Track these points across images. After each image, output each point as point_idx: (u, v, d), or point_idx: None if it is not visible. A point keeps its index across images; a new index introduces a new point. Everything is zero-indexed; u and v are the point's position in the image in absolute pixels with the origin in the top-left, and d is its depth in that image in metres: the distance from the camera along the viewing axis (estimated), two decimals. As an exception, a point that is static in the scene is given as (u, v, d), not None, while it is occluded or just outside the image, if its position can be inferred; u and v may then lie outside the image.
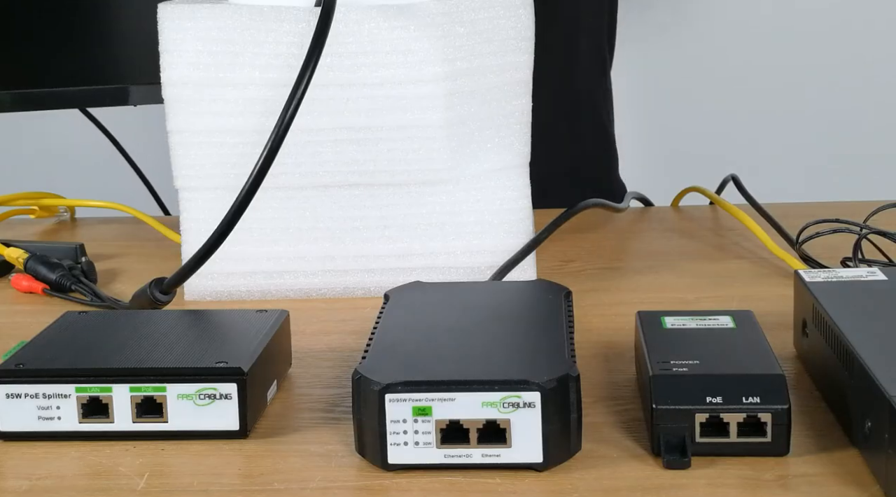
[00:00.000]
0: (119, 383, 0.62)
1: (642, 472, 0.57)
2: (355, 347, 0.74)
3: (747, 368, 0.59)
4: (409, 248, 0.85)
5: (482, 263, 0.85)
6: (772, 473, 0.56)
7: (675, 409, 0.57)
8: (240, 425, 0.62)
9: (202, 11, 0.83)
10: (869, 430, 0.55)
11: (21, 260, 0.90)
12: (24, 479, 0.59)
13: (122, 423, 0.62)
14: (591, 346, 0.73)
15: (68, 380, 0.62)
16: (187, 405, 0.62)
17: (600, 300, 0.83)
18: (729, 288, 0.85)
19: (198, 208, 0.85)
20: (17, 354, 0.64)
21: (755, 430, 0.57)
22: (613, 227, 1.02)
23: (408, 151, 0.83)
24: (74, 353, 0.64)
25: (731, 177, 1.05)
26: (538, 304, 0.68)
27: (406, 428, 0.57)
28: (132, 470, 0.59)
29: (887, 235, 0.85)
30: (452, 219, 0.85)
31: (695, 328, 0.64)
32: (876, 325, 0.61)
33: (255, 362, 0.63)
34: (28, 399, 0.62)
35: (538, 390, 0.56)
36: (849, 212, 0.89)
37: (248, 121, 0.83)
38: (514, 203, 0.85)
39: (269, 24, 0.82)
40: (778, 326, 0.73)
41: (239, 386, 0.62)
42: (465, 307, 0.69)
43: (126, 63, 1.13)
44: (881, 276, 0.69)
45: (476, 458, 0.57)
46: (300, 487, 0.57)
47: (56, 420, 0.62)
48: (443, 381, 0.57)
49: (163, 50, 0.84)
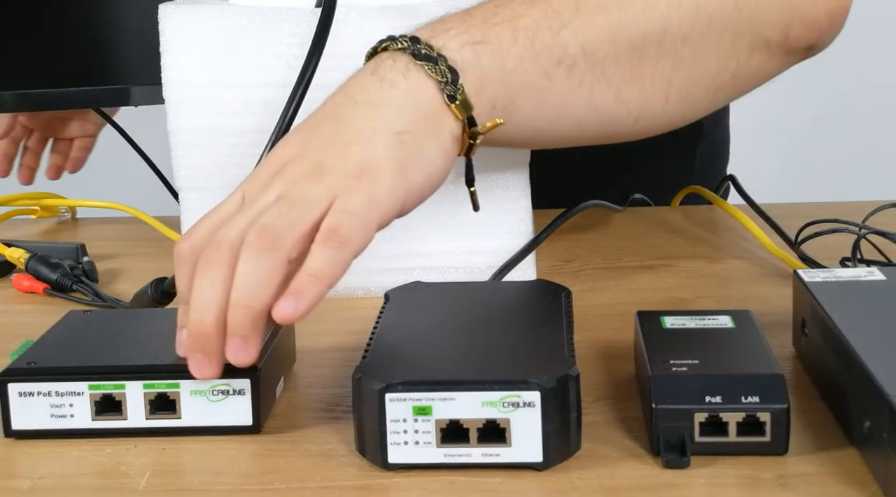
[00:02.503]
0: (132, 380, 0.62)
1: (642, 472, 0.57)
2: (355, 347, 0.74)
3: (746, 368, 0.59)
4: (409, 248, 0.85)
5: (482, 263, 0.85)
6: (771, 473, 0.56)
7: (675, 408, 0.57)
8: (253, 420, 0.62)
9: (203, 12, 0.83)
10: (868, 429, 0.55)
11: (22, 260, 0.90)
12: (26, 478, 0.59)
13: (135, 420, 0.62)
14: (591, 346, 0.73)
15: (81, 377, 0.62)
16: (201, 401, 0.62)
17: (600, 300, 0.83)
18: (728, 288, 0.85)
19: (198, 208, 0.85)
20: (27, 353, 0.65)
21: (754, 430, 0.57)
22: (613, 227, 1.03)
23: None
24: (85, 352, 0.64)
25: (729, 177, 1.05)
26: (538, 304, 0.69)
27: (406, 427, 0.57)
28: (134, 469, 0.59)
29: (886, 235, 0.85)
30: (452, 219, 0.85)
31: (694, 328, 0.64)
32: (875, 325, 0.61)
33: (267, 358, 0.64)
34: (41, 397, 0.62)
35: (538, 390, 0.56)
36: (848, 212, 0.89)
37: (249, 121, 0.83)
38: (514, 203, 0.86)
39: (270, 25, 0.83)
40: (777, 326, 0.73)
41: (252, 381, 0.62)
42: (465, 307, 0.69)
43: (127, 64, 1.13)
44: (880, 276, 0.69)
45: (476, 457, 0.57)
46: (300, 487, 0.57)
47: (69, 418, 0.62)
48: (443, 381, 0.57)
49: (164, 50, 0.84)
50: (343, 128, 0.65)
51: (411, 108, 0.66)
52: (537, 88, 0.70)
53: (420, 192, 0.65)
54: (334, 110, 0.67)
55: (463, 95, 0.67)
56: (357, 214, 0.61)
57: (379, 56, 0.69)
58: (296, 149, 0.65)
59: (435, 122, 0.66)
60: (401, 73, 0.67)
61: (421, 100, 0.66)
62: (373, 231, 0.62)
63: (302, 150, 0.65)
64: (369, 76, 0.67)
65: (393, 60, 0.67)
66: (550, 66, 0.70)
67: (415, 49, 0.67)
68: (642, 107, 0.75)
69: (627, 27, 0.72)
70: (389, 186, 0.63)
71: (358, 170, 0.63)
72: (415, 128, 0.65)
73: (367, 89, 0.67)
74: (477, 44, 0.69)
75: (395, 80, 0.66)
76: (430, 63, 0.67)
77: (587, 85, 0.72)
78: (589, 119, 0.73)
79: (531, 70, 0.70)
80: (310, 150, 0.64)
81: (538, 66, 0.70)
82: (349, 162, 0.63)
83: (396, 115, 0.65)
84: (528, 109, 0.71)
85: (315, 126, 0.66)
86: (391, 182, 0.63)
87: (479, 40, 0.69)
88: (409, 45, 0.68)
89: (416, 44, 0.68)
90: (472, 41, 0.69)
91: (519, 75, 0.69)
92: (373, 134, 0.64)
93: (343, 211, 0.61)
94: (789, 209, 0.99)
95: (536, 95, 0.71)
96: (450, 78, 0.66)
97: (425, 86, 0.67)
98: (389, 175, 0.63)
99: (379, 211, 0.62)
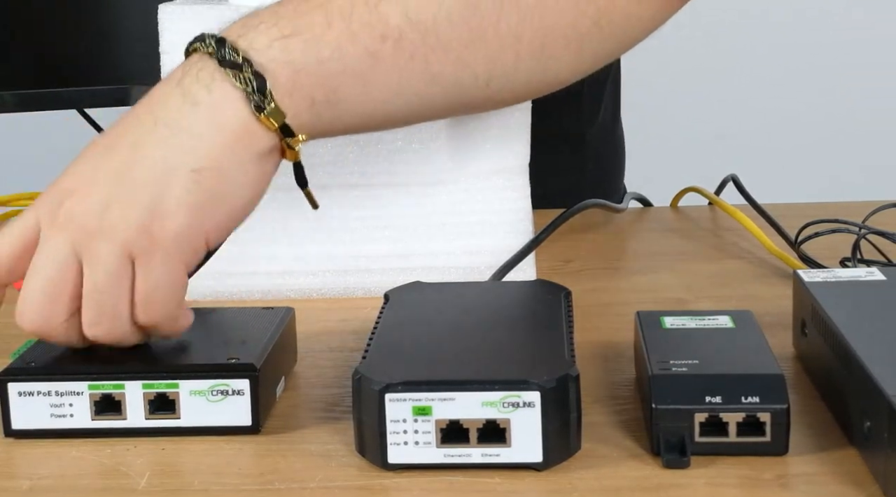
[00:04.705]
0: (132, 380, 0.62)
1: (642, 472, 0.57)
2: (355, 347, 0.74)
3: (746, 368, 0.59)
4: (409, 248, 0.85)
5: (482, 263, 0.85)
6: (771, 473, 0.56)
7: (675, 408, 0.57)
8: (252, 421, 0.62)
9: (203, 12, 0.83)
10: (868, 429, 0.55)
11: (22, 260, 0.90)
12: (26, 478, 0.59)
13: (134, 420, 0.62)
14: (591, 346, 0.73)
15: (81, 377, 0.62)
16: (200, 401, 0.62)
17: (600, 300, 0.83)
18: (728, 288, 0.85)
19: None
20: (27, 353, 0.65)
21: (754, 430, 0.57)
22: (613, 228, 1.03)
23: (408, 152, 0.83)
24: (85, 351, 0.64)
25: (731, 177, 1.05)
26: (538, 304, 0.69)
27: (406, 428, 0.57)
28: (133, 469, 0.59)
29: (886, 236, 0.85)
30: (452, 219, 0.85)
31: (694, 328, 0.64)
32: (875, 325, 0.61)
33: (266, 358, 0.64)
34: (40, 397, 0.62)
35: (538, 390, 0.56)
36: (848, 212, 0.89)
37: (249, 121, 0.83)
38: (514, 203, 0.86)
39: (270, 25, 0.82)
40: (777, 326, 0.73)
41: (251, 382, 0.62)
42: (465, 307, 0.69)
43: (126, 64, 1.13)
44: (880, 277, 0.69)
45: (476, 457, 0.57)
46: (300, 487, 0.57)
47: (69, 417, 0.62)
48: (443, 381, 0.57)
49: (163, 51, 0.84)
50: (137, 159, 0.62)
51: (213, 133, 0.62)
52: (361, 71, 0.65)
53: (226, 227, 0.63)
54: (133, 130, 0.63)
55: (272, 103, 0.62)
56: (162, 285, 0.61)
57: (189, 59, 0.65)
58: (89, 172, 0.63)
59: (242, 145, 0.62)
60: (205, 85, 0.62)
61: (225, 120, 0.62)
62: (183, 278, 0.62)
63: (94, 176, 0.62)
64: (174, 87, 0.63)
65: (199, 69, 0.63)
66: (374, 44, 0.65)
67: (220, 54, 0.62)
68: (489, 67, 0.68)
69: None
70: (186, 235, 0.61)
71: (149, 218, 0.61)
72: (215, 162, 0.62)
73: (168, 105, 0.63)
74: (286, 37, 0.64)
75: (197, 96, 0.62)
76: (235, 70, 0.62)
77: (420, 56, 0.66)
78: (430, 91, 0.68)
79: (351, 53, 0.64)
80: (100, 184, 0.62)
81: (359, 46, 0.65)
82: (139, 210, 0.61)
83: (195, 147, 0.61)
84: (355, 96, 0.66)
85: (111, 148, 0.63)
86: (186, 230, 0.61)
87: (288, 33, 0.64)
88: (215, 48, 0.63)
89: (221, 47, 0.63)
90: (282, 35, 0.64)
91: (337, 62, 0.64)
92: (165, 174, 0.61)
93: (148, 288, 0.61)
94: (789, 209, 0.99)
95: (362, 79, 0.65)
96: (255, 85, 0.62)
97: (230, 99, 0.62)
98: (183, 222, 0.61)
99: (181, 260, 0.62)
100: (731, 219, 0.98)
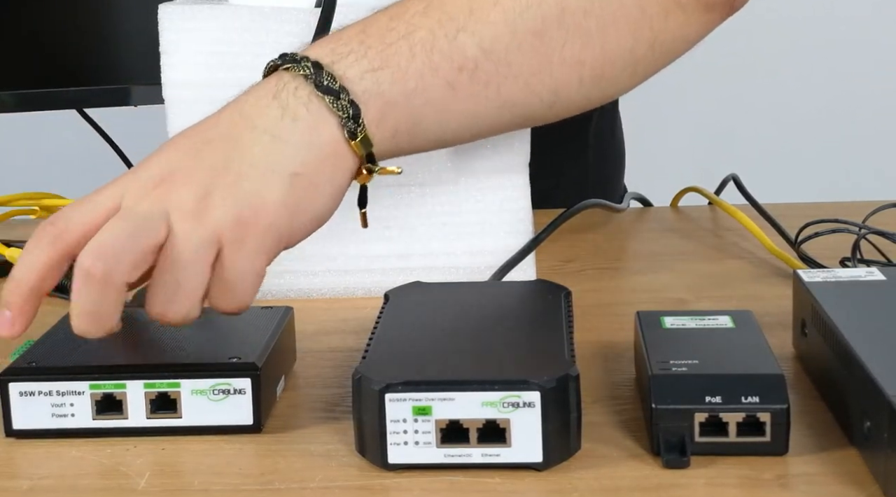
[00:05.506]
0: (133, 380, 0.62)
1: (642, 472, 0.57)
2: (355, 347, 0.74)
3: (746, 368, 0.59)
4: (409, 248, 0.85)
5: (482, 263, 0.85)
6: (771, 473, 0.56)
7: (675, 408, 0.57)
8: (254, 420, 0.62)
9: (203, 12, 0.83)
10: (868, 429, 0.55)
11: (22, 260, 0.90)
12: (26, 478, 0.59)
13: (136, 420, 0.62)
14: (591, 346, 0.73)
15: (82, 377, 0.62)
16: (201, 400, 0.62)
17: (600, 300, 0.83)
18: (728, 288, 0.85)
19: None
20: (27, 353, 0.65)
21: (754, 430, 0.57)
22: (613, 228, 1.03)
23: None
24: (86, 351, 0.64)
25: (731, 176, 1.05)
26: (538, 304, 0.69)
27: (406, 428, 0.57)
28: (134, 469, 0.59)
29: (886, 236, 0.85)
30: (452, 219, 0.85)
31: (694, 328, 0.64)
32: (875, 325, 0.61)
33: (267, 357, 0.64)
34: (42, 396, 0.62)
35: (538, 390, 0.56)
36: (848, 212, 0.89)
37: (249, 121, 0.83)
38: (514, 203, 0.86)
39: (270, 25, 0.82)
40: (777, 326, 0.73)
41: (253, 381, 0.62)
42: (465, 307, 0.69)
43: (127, 64, 1.13)
44: (880, 277, 0.69)
45: (476, 457, 0.57)
46: (300, 487, 0.57)
47: (70, 417, 0.62)
48: (443, 381, 0.57)
49: (163, 51, 0.84)
50: (238, 155, 0.63)
51: (310, 147, 0.64)
52: (440, 102, 0.69)
53: (306, 231, 0.65)
54: (231, 131, 0.65)
55: (364, 132, 0.65)
56: (248, 274, 0.62)
57: (280, 77, 0.67)
58: (187, 161, 0.63)
59: (332, 162, 0.65)
60: (303, 104, 0.65)
61: (321, 138, 0.65)
62: (264, 271, 0.63)
63: (193, 166, 0.63)
64: (271, 100, 0.65)
65: (295, 87, 0.65)
66: (452, 74, 0.69)
67: (318, 79, 0.65)
68: (555, 93, 0.72)
69: (523, 15, 0.70)
70: (276, 232, 0.63)
71: (247, 209, 0.62)
72: (311, 169, 0.64)
73: (267, 115, 0.65)
74: (377, 70, 0.67)
75: (297, 111, 0.65)
76: (332, 96, 0.65)
77: (493, 84, 0.70)
78: (501, 115, 0.72)
79: (433, 84, 0.68)
80: (200, 172, 0.63)
81: (439, 78, 0.68)
82: (238, 200, 0.62)
83: (294, 154, 0.64)
84: (434, 126, 0.70)
85: (209, 142, 0.64)
86: (278, 227, 0.63)
87: (377, 66, 0.67)
88: (311, 73, 0.65)
89: (318, 71, 0.65)
90: (372, 68, 0.67)
91: (421, 94, 0.68)
92: (268, 173, 0.63)
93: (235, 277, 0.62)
94: (789, 209, 0.99)
95: (441, 109, 0.69)
96: (351, 113, 0.65)
97: (326, 121, 0.65)
98: (277, 220, 0.63)
99: (266, 254, 0.63)
100: (731, 219, 0.98)
